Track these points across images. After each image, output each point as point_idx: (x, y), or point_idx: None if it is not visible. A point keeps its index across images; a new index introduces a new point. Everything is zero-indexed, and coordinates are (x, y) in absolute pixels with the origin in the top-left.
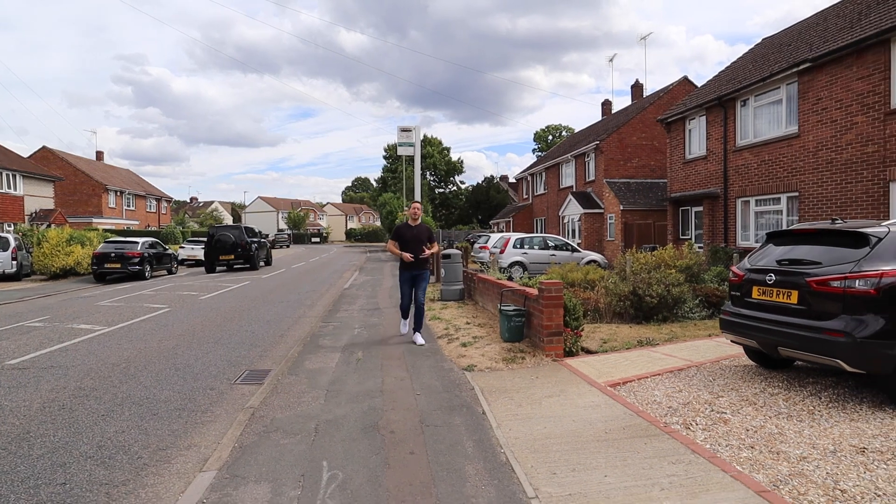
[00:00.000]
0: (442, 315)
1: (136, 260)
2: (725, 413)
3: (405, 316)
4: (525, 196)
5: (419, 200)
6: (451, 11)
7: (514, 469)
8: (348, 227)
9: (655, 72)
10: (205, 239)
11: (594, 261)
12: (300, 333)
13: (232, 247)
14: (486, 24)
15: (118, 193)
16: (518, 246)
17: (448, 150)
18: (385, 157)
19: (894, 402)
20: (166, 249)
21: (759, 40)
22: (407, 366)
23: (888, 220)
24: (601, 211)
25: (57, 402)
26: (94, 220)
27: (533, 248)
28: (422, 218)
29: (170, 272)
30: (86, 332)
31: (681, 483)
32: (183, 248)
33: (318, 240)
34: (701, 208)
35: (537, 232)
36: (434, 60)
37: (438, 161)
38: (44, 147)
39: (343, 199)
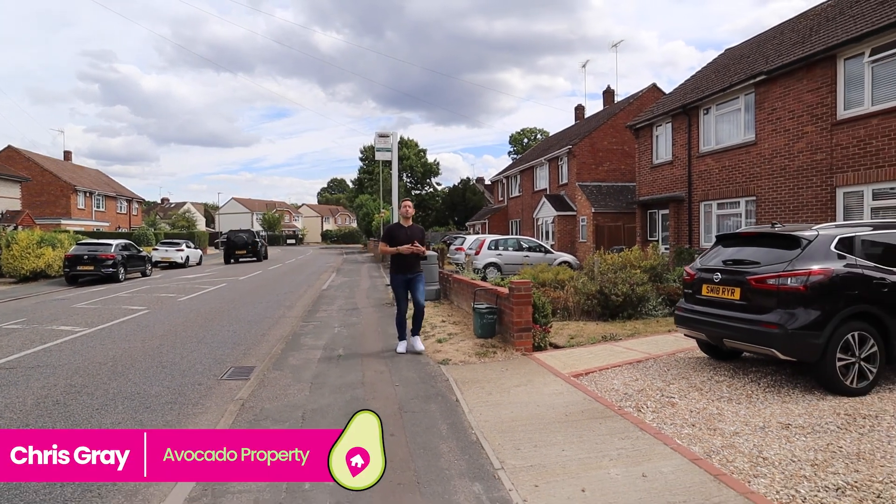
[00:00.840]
0: None
1: (110, 262)
2: (674, 398)
3: (402, 334)
4: (500, 198)
5: (410, 198)
6: (427, 13)
7: (483, 446)
8: (324, 229)
9: (629, 76)
10: (179, 241)
11: (566, 262)
12: (281, 332)
13: (244, 245)
14: (462, 25)
15: (87, 194)
16: (493, 247)
17: (424, 151)
18: (361, 159)
19: (822, 386)
20: (140, 251)
21: (724, 50)
22: (387, 362)
23: (824, 223)
24: (574, 213)
25: (50, 398)
26: (63, 222)
27: (507, 250)
28: (398, 217)
29: (144, 274)
30: (67, 334)
31: (627, 454)
32: (156, 249)
33: (293, 241)
34: (667, 211)
35: (512, 234)
36: (411, 61)
37: (415, 163)
38: (9, 146)
39: (319, 201)
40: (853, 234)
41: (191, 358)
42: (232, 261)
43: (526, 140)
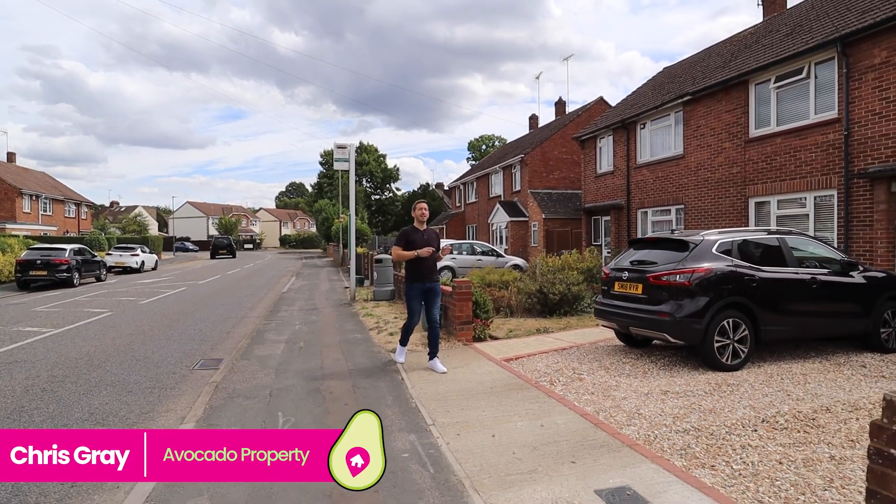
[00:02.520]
0: (374, 312)
1: (64, 267)
2: (583, 375)
3: (405, 340)
4: (458, 204)
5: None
6: (388, 16)
7: (419, 410)
8: (283, 234)
9: (588, 84)
10: (134, 245)
11: (517, 265)
12: (245, 330)
13: (224, 246)
14: (423, 30)
15: (34, 198)
16: (449, 252)
17: (384, 156)
18: (321, 163)
19: (704, 364)
20: (94, 256)
21: (662, 68)
22: (343, 351)
23: (714, 229)
24: (526, 219)
25: (37, 386)
26: (8, 226)
27: (461, 254)
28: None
29: (98, 279)
30: (35, 334)
31: (533, 413)
32: (110, 254)
33: (251, 246)
34: (609, 217)
35: (469, 238)
36: (372, 65)
37: (375, 168)
38: None
39: (277, 205)
40: (731, 239)
41: (162, 352)
42: (217, 257)
43: (484, 147)
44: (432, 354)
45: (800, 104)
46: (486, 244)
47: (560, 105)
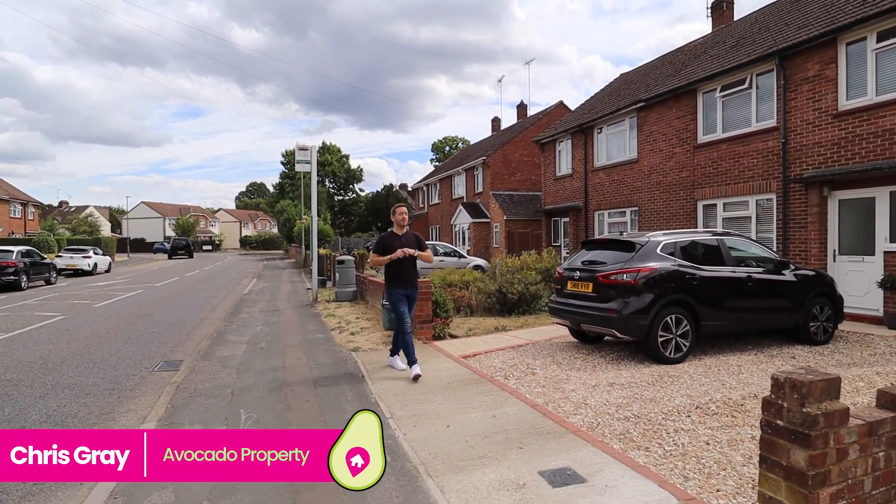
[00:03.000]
0: (336, 313)
1: (11, 270)
2: (536, 369)
3: (396, 349)
4: (421, 205)
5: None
6: (352, 15)
7: (379, 405)
8: (243, 235)
9: (551, 87)
10: (86, 247)
11: (479, 266)
12: (206, 332)
13: (183, 248)
14: (388, 30)
15: None
16: None
17: (347, 157)
18: (283, 163)
19: (649, 357)
20: (43, 259)
21: (619, 75)
22: (305, 351)
23: (659, 231)
24: (488, 220)
25: None
26: None
27: None
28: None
29: (48, 282)
30: None
31: (486, 405)
32: (60, 256)
33: (210, 248)
34: (568, 219)
35: (432, 240)
36: (335, 64)
37: (338, 168)
38: None
39: (237, 206)
40: (674, 241)
41: (119, 355)
42: (175, 257)
43: (448, 148)
44: (394, 352)
45: (743, 112)
46: (449, 245)
47: (522, 108)
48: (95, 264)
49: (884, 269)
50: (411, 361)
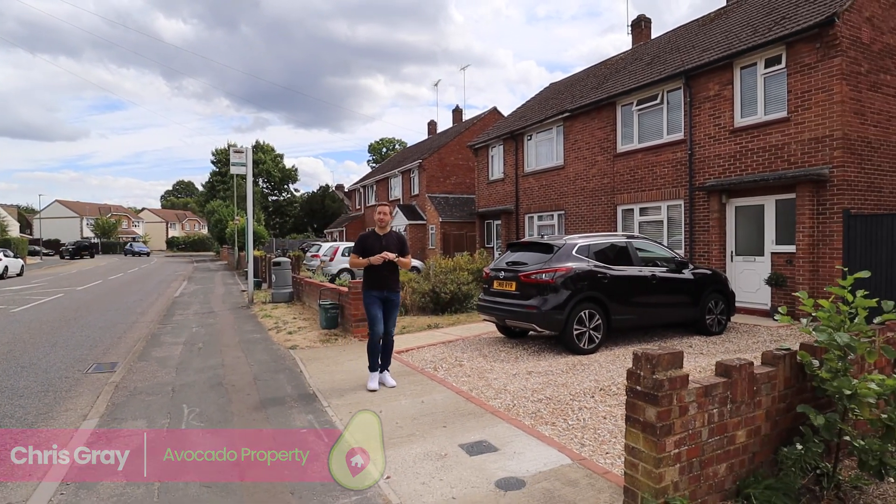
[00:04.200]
0: (273, 313)
1: None
2: (463, 362)
3: (374, 363)
4: (358, 207)
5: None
6: (286, 10)
7: (317, 396)
8: (170, 236)
9: (487, 90)
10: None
11: (415, 267)
12: (139, 334)
13: (86, 248)
14: (324, 27)
15: None
16: (346, 254)
17: (282, 156)
18: (214, 162)
19: (566, 349)
20: None
21: (549, 84)
22: (243, 350)
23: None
24: (424, 222)
25: None
26: None
27: None
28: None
29: None
30: None
31: (416, 392)
32: None
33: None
34: (500, 221)
35: None
36: (269, 60)
37: (272, 168)
38: None
39: (163, 205)
40: (588, 243)
41: (48, 359)
42: (77, 258)
43: (385, 149)
44: (385, 366)
45: (656, 125)
46: None
47: (457, 112)
48: (6, 267)
49: (771, 268)
50: (372, 368)
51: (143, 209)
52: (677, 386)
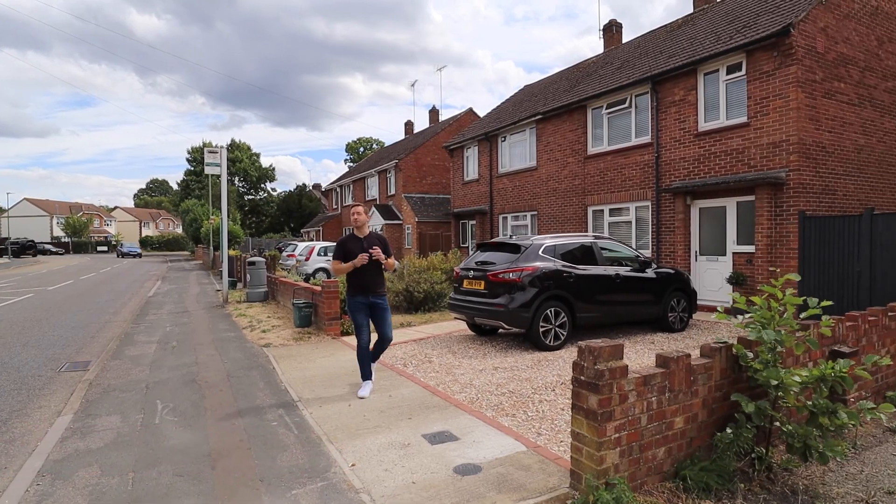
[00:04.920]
0: (247, 313)
1: None
2: (433, 358)
3: (366, 372)
4: (335, 206)
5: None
6: (263, 8)
7: (288, 391)
8: (143, 235)
9: (466, 89)
10: None
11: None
12: (112, 333)
13: (29, 247)
14: (301, 24)
15: None
16: (322, 254)
17: (258, 155)
18: (189, 160)
19: (533, 346)
20: None
21: (523, 86)
22: (217, 348)
23: (544, 234)
24: (400, 222)
25: None
26: None
27: None
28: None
29: None
30: None
31: (385, 388)
32: None
33: (105, 248)
34: (475, 221)
35: None
36: (246, 57)
37: (248, 167)
38: None
39: (136, 204)
40: (554, 243)
41: (20, 358)
42: (23, 256)
43: (362, 149)
44: (373, 358)
45: (625, 128)
46: None
47: (434, 113)
48: None
49: (732, 267)
50: (364, 376)
51: (116, 208)
52: (617, 375)
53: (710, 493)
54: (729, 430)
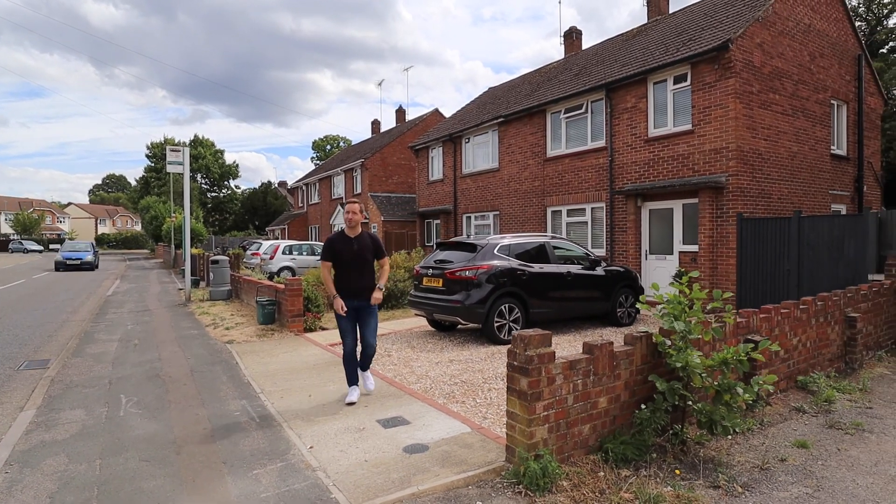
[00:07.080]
0: (210, 311)
1: None
2: (392, 352)
3: (352, 377)
4: (301, 204)
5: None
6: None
7: (251, 384)
8: (100, 233)
9: (435, 88)
10: None
11: None
12: (71, 332)
13: None
14: (268, 19)
15: None
16: (287, 252)
17: (222, 152)
18: (149, 156)
19: (488, 340)
20: None
21: (487, 88)
22: (180, 345)
23: (499, 234)
24: (366, 221)
25: None
26: None
27: (301, 255)
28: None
29: None
30: None
31: (344, 380)
32: None
33: (58, 247)
34: (440, 221)
35: (311, 239)
36: (209, 51)
37: (211, 163)
38: None
39: (91, 200)
40: (509, 243)
41: None
42: None
43: (329, 147)
44: (364, 367)
45: (581, 133)
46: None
47: (400, 113)
48: None
49: (679, 265)
50: (350, 381)
51: (70, 204)
52: (545, 360)
53: (630, 463)
54: (644, 408)
